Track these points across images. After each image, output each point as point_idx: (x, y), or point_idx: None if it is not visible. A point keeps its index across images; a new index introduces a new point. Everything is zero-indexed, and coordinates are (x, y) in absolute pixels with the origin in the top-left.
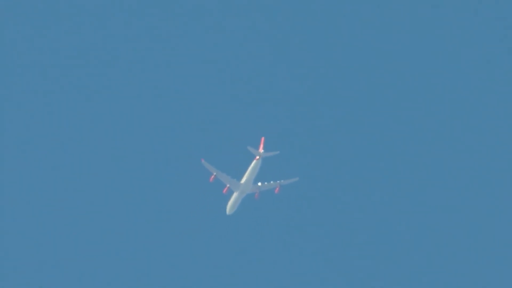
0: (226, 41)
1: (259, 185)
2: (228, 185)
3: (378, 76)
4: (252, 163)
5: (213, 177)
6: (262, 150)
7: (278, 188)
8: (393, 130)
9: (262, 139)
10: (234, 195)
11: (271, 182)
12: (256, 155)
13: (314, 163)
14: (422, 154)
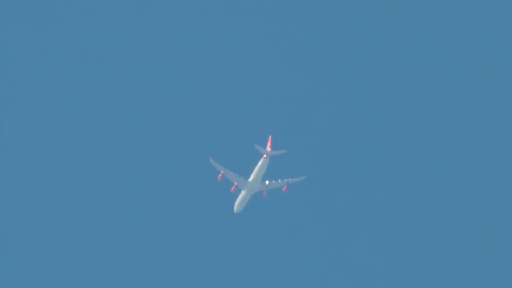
0: (229, 40)
1: (267, 183)
2: (235, 183)
3: (378, 75)
4: (259, 162)
5: (220, 175)
6: (269, 149)
7: (285, 186)
8: (394, 129)
9: (270, 138)
10: (242, 193)
11: (279, 180)
12: (263, 154)
13: (321, 162)
14: (422, 154)
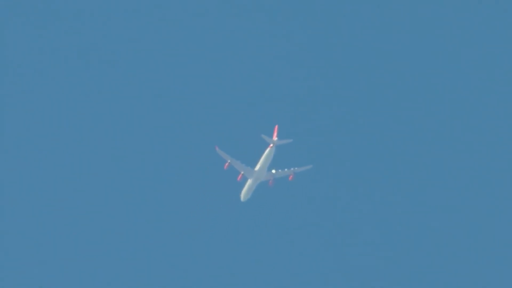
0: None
1: (273, 172)
2: (242, 172)
3: (378, 75)
4: (266, 151)
5: (227, 164)
6: (275, 138)
7: (292, 175)
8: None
9: (276, 127)
10: (248, 183)
11: (285, 169)
12: (270, 143)
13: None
14: (422, 154)
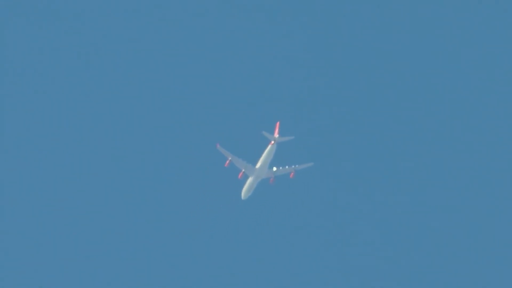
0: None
1: (274, 169)
2: (243, 170)
3: (378, 75)
4: (267, 148)
5: (228, 162)
6: (277, 135)
7: (293, 173)
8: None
9: (277, 124)
10: (249, 180)
11: (286, 167)
12: (271, 140)
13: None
14: (422, 154)
